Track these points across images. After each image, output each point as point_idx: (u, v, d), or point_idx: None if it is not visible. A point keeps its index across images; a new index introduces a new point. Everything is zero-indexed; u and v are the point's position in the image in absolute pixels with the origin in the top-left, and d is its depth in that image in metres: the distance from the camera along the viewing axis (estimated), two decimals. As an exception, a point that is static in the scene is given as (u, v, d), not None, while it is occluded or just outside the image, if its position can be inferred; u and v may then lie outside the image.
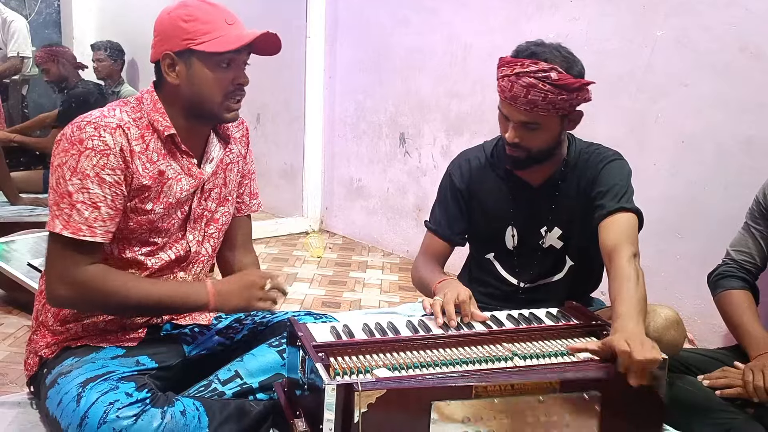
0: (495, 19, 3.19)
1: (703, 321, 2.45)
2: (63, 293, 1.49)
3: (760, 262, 1.90)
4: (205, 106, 1.56)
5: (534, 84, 1.65)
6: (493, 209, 1.93)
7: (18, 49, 4.96)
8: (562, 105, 1.69)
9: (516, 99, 1.68)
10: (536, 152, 1.77)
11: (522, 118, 1.71)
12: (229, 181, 1.74)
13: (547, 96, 1.66)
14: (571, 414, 1.34)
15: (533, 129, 1.73)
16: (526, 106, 1.68)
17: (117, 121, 1.50)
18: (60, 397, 1.44)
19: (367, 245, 4.00)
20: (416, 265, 1.98)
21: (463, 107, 3.38)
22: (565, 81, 1.65)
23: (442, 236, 1.97)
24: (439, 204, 2.00)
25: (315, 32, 4.12)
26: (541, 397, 1.32)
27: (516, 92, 1.67)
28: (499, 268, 1.98)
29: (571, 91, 1.67)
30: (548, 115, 1.70)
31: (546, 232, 1.90)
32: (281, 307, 1.71)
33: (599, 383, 1.36)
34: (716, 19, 2.38)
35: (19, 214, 3.52)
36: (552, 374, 1.36)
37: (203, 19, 1.52)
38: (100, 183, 1.47)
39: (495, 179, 1.93)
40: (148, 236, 1.59)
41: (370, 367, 1.35)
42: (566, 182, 1.87)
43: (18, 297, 2.64)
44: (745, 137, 2.32)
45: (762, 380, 1.62)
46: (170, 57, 1.54)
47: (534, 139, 1.74)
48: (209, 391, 1.56)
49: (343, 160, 4.19)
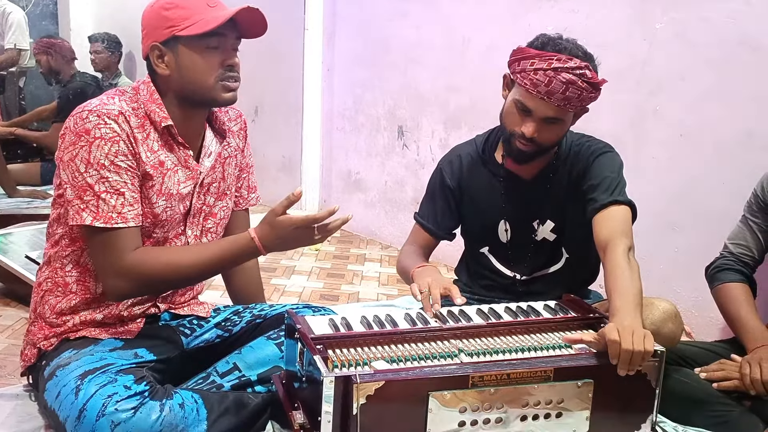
0: (494, 12, 3.18)
1: (700, 314, 2.45)
2: (122, 284, 1.49)
3: (757, 255, 1.90)
4: (198, 92, 1.55)
5: (573, 81, 1.64)
6: (486, 204, 1.93)
7: (15, 40, 4.94)
8: (588, 102, 1.70)
9: (552, 94, 1.65)
10: (546, 147, 1.77)
11: (550, 114, 1.69)
12: (227, 175, 1.73)
13: (582, 93, 1.65)
14: (564, 402, 1.37)
15: (552, 124, 1.71)
16: (561, 102, 1.66)
17: (118, 108, 1.50)
18: (58, 390, 1.44)
19: (366, 238, 4.00)
20: (401, 254, 2.00)
21: (461, 100, 3.38)
22: (596, 80, 1.66)
23: (427, 230, 1.98)
24: (428, 198, 2.01)
25: (313, 25, 4.11)
26: (536, 386, 1.35)
27: (554, 88, 1.64)
28: (494, 261, 1.98)
29: (598, 89, 1.69)
30: (572, 111, 1.71)
31: (539, 225, 1.90)
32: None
33: (592, 371, 1.39)
34: (715, 12, 2.37)
35: (17, 206, 3.51)
36: (546, 363, 1.38)
37: (183, 5, 1.52)
38: (116, 170, 1.46)
39: (487, 174, 1.93)
40: (152, 230, 1.58)
41: (368, 359, 1.35)
42: (558, 175, 1.87)
43: (16, 289, 2.64)
44: (743, 131, 2.32)
45: (759, 373, 1.63)
46: (158, 48, 1.54)
47: (550, 134, 1.73)
48: (208, 384, 1.57)
49: (342, 153, 4.18)
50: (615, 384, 1.39)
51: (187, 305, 1.76)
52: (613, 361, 1.38)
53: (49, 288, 1.61)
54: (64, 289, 1.59)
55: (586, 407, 1.39)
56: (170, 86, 1.56)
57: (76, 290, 1.59)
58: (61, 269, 1.59)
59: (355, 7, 3.96)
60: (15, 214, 3.33)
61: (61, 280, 1.60)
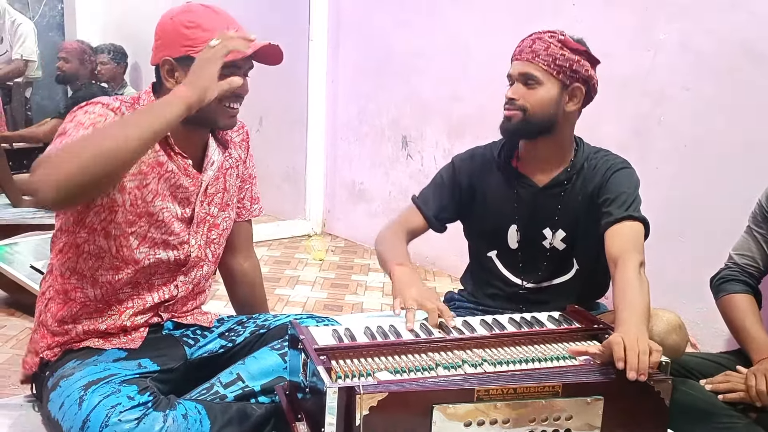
0: (497, 21, 3.19)
1: (705, 325, 2.44)
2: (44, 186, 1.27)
3: (762, 265, 1.90)
4: (200, 114, 1.54)
5: (540, 37, 1.78)
6: (497, 206, 1.93)
7: (22, 51, 4.98)
8: (563, 63, 1.75)
9: (522, 52, 1.79)
10: (531, 114, 1.78)
11: (522, 69, 1.78)
12: (229, 186, 1.74)
13: (550, 47, 1.75)
14: (573, 419, 1.34)
15: (532, 86, 1.77)
16: (529, 55, 1.77)
17: (119, 106, 1.50)
18: (62, 400, 1.44)
19: (369, 248, 4.00)
20: (385, 231, 1.98)
21: (465, 110, 3.39)
22: (568, 41, 1.77)
23: (424, 214, 1.97)
24: (433, 187, 2.01)
25: (317, 35, 4.13)
26: (544, 401, 1.32)
27: (523, 46, 1.79)
28: (500, 266, 1.98)
29: (572, 50, 1.76)
30: (548, 71, 1.75)
31: (550, 233, 1.90)
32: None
33: (602, 388, 1.36)
34: (719, 22, 2.37)
35: (22, 216, 3.53)
36: (554, 379, 1.35)
37: (205, 27, 1.50)
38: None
39: (500, 177, 1.93)
40: (147, 230, 1.57)
41: (372, 370, 1.35)
42: (572, 184, 1.87)
43: (20, 299, 2.65)
44: (748, 141, 2.32)
45: (765, 384, 1.62)
46: (170, 63, 1.52)
47: (531, 97, 1.77)
48: (211, 394, 1.56)
49: (346, 163, 4.19)
50: (626, 401, 1.36)
51: (190, 315, 1.76)
52: (618, 364, 1.34)
53: (51, 296, 1.62)
54: (64, 296, 1.59)
55: (596, 425, 1.35)
56: None
57: (75, 297, 1.58)
58: (61, 276, 1.60)
59: (359, 17, 3.98)
60: (20, 224, 3.35)
61: (62, 287, 1.60)
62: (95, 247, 1.55)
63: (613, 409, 1.35)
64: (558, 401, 1.33)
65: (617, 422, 1.36)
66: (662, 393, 1.38)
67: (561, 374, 1.38)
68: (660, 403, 1.38)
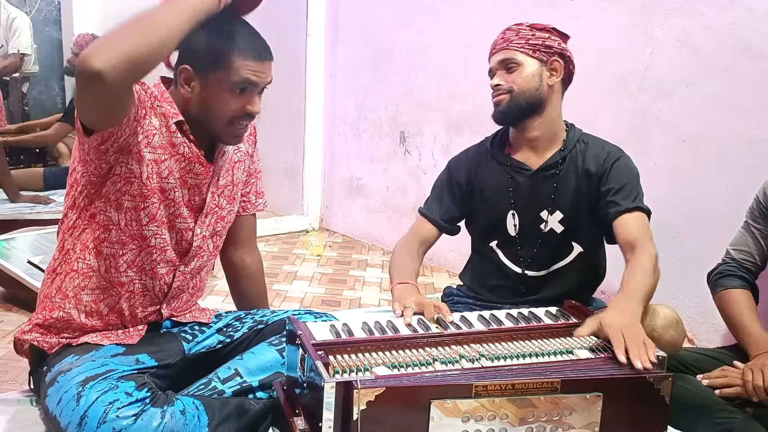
0: (496, 18, 3.18)
1: (702, 320, 2.45)
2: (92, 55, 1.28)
3: (760, 261, 1.90)
4: (209, 125, 1.56)
5: (509, 28, 1.89)
6: (494, 196, 1.96)
7: (18, 46, 4.95)
8: (535, 42, 1.84)
9: (496, 45, 1.89)
10: (518, 94, 1.83)
11: (499, 57, 1.86)
12: (236, 179, 1.74)
13: (519, 32, 1.86)
14: (571, 415, 1.34)
15: (512, 70, 1.84)
16: (503, 44, 1.86)
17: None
18: (60, 396, 1.44)
19: (367, 244, 4.00)
20: (399, 244, 2.02)
21: (463, 106, 3.38)
22: (535, 24, 1.88)
23: (430, 219, 2.01)
24: (434, 195, 2.06)
25: (315, 31, 4.12)
26: (542, 398, 1.32)
27: (495, 41, 1.90)
28: (501, 256, 1.99)
29: (541, 29, 1.86)
30: (524, 51, 1.83)
31: (547, 215, 1.91)
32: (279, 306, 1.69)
33: (601, 384, 1.36)
34: (718, 19, 2.37)
35: (19, 211, 3.52)
36: (553, 375, 1.35)
37: None
38: None
39: (495, 166, 1.96)
40: (158, 208, 1.56)
41: (370, 365, 1.35)
42: (566, 165, 1.90)
43: (18, 294, 2.64)
44: (746, 137, 2.32)
45: (761, 379, 1.62)
46: (187, 71, 1.53)
47: (513, 78, 1.84)
48: (209, 390, 1.56)
49: (344, 159, 4.18)
50: (625, 398, 1.36)
51: (188, 312, 1.76)
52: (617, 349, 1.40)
53: (53, 268, 1.62)
54: (68, 267, 1.59)
55: (595, 421, 1.35)
56: (186, 106, 1.56)
57: (78, 268, 1.58)
58: (72, 250, 1.59)
59: (358, 13, 3.97)
60: (17, 219, 3.34)
61: (64, 259, 1.60)
62: (105, 217, 1.55)
63: (612, 406, 1.35)
64: (557, 397, 1.33)
65: (617, 420, 1.36)
66: (662, 391, 1.38)
67: (559, 370, 1.39)
68: (660, 402, 1.38)
